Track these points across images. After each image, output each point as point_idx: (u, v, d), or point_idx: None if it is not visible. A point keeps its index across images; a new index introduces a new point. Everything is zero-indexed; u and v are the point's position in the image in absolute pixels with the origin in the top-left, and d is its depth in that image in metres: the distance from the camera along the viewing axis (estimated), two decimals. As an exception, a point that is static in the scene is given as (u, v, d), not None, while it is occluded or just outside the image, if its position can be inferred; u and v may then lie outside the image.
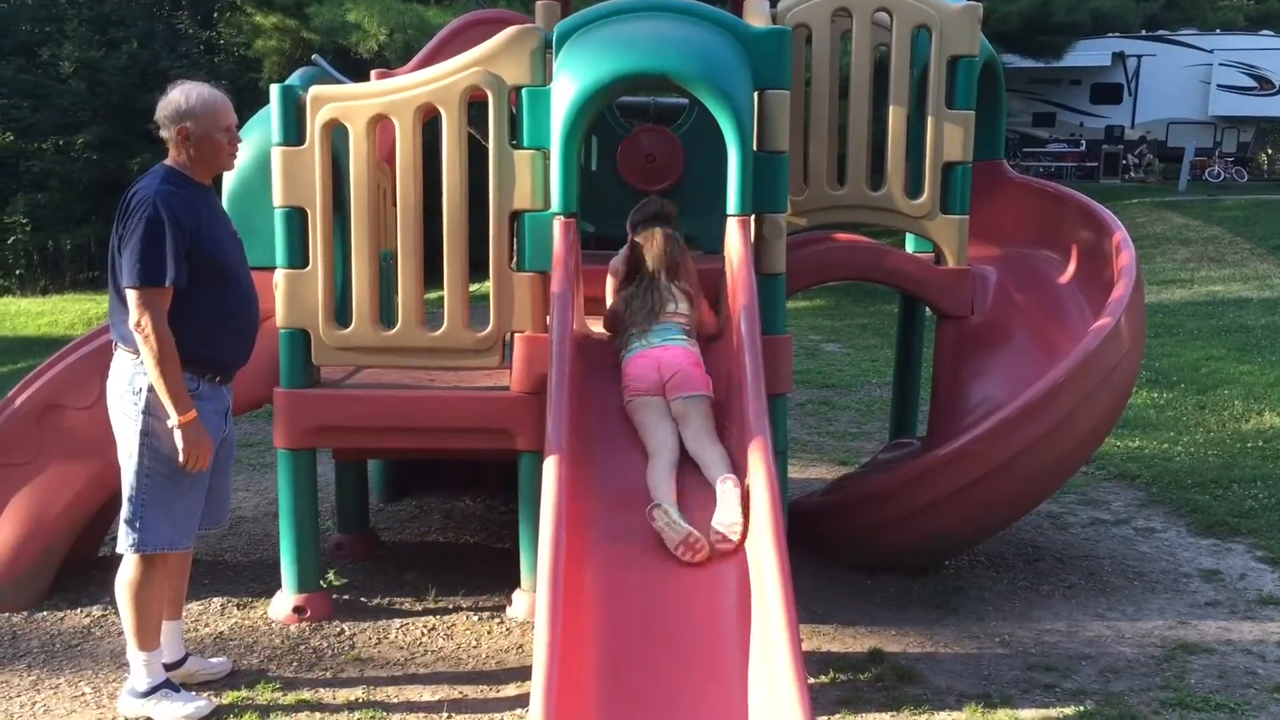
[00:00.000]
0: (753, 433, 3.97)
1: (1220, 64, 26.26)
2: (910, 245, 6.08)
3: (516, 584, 4.71)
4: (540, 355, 4.42)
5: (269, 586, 4.79)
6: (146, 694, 3.83)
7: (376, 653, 4.36)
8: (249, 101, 16.51)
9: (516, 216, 4.49)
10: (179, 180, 3.74)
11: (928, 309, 6.00)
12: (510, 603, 4.74)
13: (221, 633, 4.54)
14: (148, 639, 3.83)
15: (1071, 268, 5.58)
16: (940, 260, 5.48)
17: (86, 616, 4.67)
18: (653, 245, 4.55)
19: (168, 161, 3.80)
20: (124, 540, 3.76)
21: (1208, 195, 21.79)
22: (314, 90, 4.46)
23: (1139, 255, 5.22)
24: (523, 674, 4.07)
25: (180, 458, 3.68)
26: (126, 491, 3.75)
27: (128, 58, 18.69)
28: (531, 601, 4.51)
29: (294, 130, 4.43)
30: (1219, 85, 26.34)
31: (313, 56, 7.34)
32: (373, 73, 5.69)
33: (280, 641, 4.45)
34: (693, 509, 3.82)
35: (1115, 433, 7.50)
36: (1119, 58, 26.81)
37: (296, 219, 4.47)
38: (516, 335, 4.53)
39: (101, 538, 5.23)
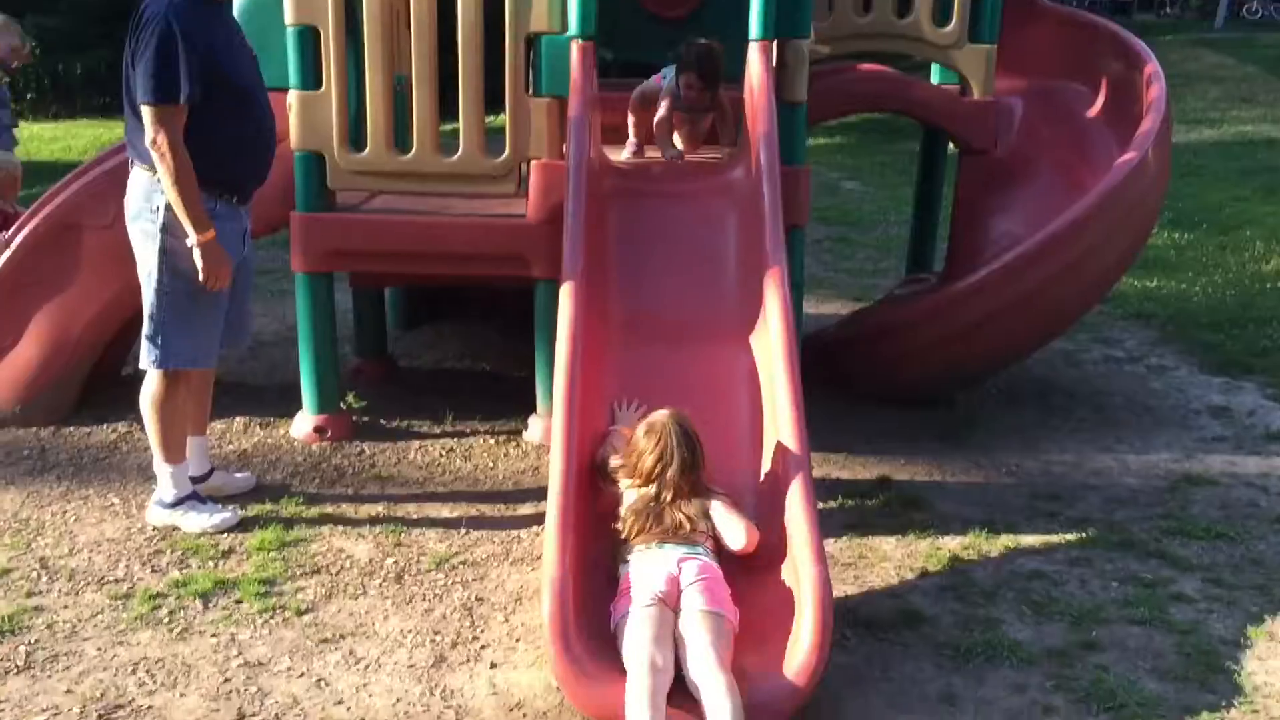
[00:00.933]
0: (769, 263, 3.97)
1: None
2: (935, 78, 5.95)
3: (533, 409, 4.78)
4: (557, 182, 4.38)
5: (290, 408, 4.87)
6: (174, 505, 3.94)
7: (396, 472, 4.46)
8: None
9: (533, 40, 4.39)
10: None
11: (951, 144, 5.92)
12: (526, 427, 4.83)
13: (245, 450, 4.65)
14: (173, 453, 3.93)
15: (1100, 101, 5.47)
16: (966, 92, 5.37)
17: (113, 432, 4.77)
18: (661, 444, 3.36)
19: None
20: (146, 356, 3.82)
21: (1245, 33, 21.13)
22: (325, -97, 4.32)
23: (1169, 92, 5.10)
24: (538, 494, 4.17)
25: (199, 277, 3.70)
26: (147, 309, 3.79)
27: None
28: (547, 426, 4.59)
29: (306, -55, 4.30)
30: (1264, -84, 25.28)
31: None
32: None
33: (302, 459, 4.56)
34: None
35: (1133, 272, 7.46)
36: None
37: (309, 38, 4.38)
38: (533, 162, 4.48)
39: (125, 356, 5.30)
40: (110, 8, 17.84)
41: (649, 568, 3.09)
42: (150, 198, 3.72)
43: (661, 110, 4.79)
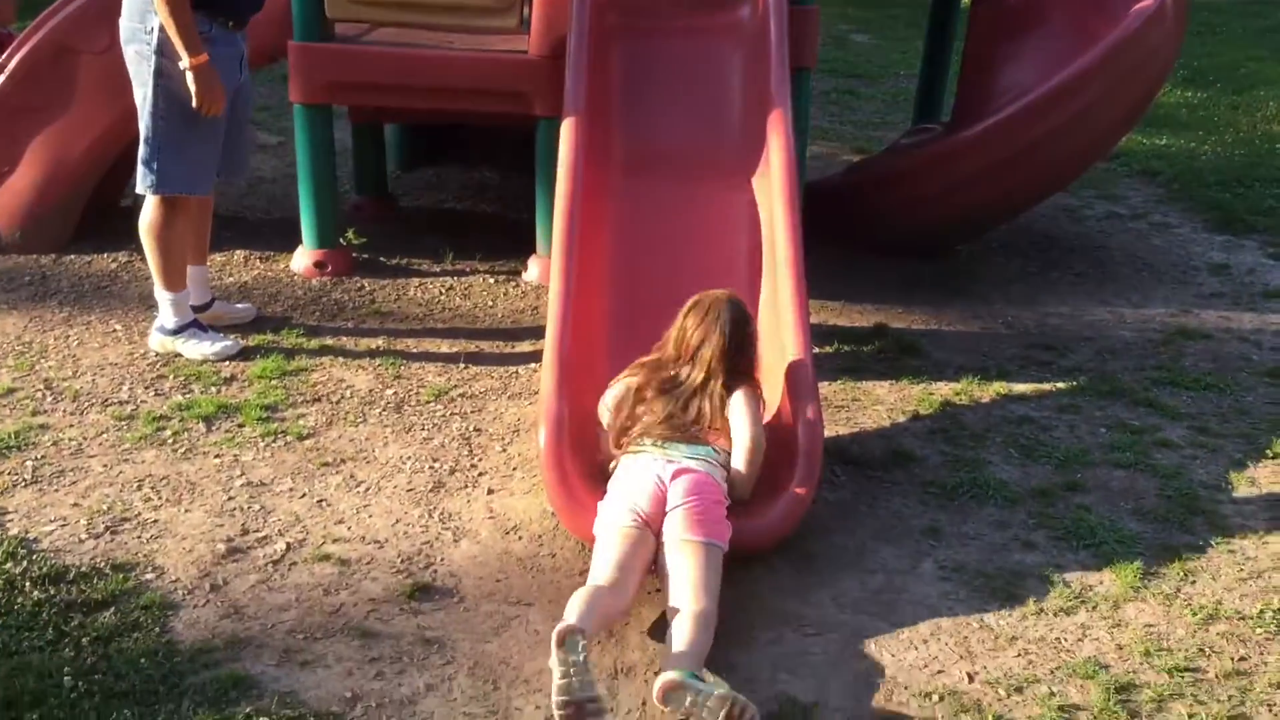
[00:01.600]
0: (773, 103, 3.92)
1: None
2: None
3: (532, 250, 4.78)
4: (560, 16, 4.29)
5: (290, 243, 4.87)
6: (175, 332, 3.97)
7: (396, 308, 4.49)
8: None
9: None
10: None
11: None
12: (525, 268, 4.83)
13: (245, 282, 4.66)
14: (173, 280, 3.95)
15: (1119, -53, 5.31)
16: (982, -66, 5.22)
17: (113, 261, 4.78)
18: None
19: None
20: (142, 181, 3.80)
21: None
22: None
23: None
24: (536, 333, 4.20)
25: (193, 101, 3.66)
26: (143, 132, 3.76)
27: None
28: (546, 266, 4.59)
29: None
30: None
31: None
32: None
33: (302, 293, 4.58)
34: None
35: (1142, 130, 7.38)
36: None
37: None
38: (536, -6, 4.38)
39: (123, 187, 5.28)
40: None
41: (638, 475, 2.82)
42: (145, 18, 3.65)
43: None
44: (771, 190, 3.72)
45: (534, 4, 4.40)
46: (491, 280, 4.80)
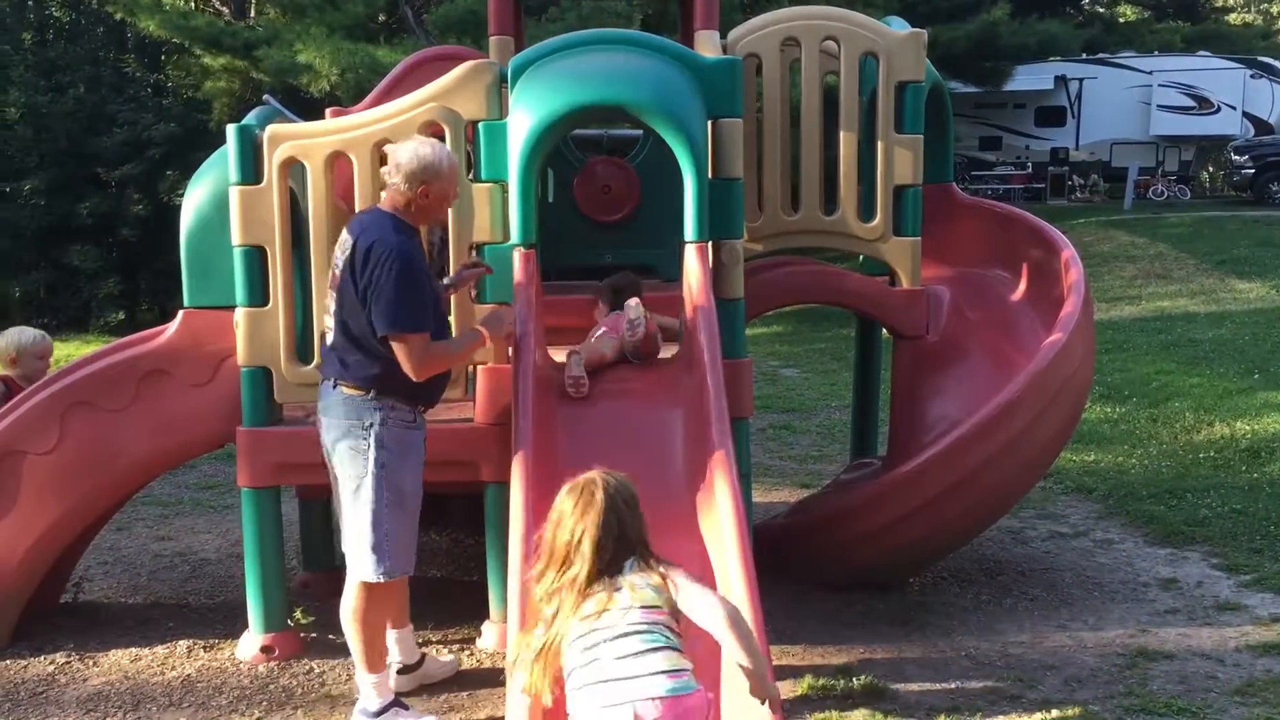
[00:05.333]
0: (716, 455, 4.02)
1: (1160, 85, 26.78)
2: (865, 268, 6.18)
3: (486, 616, 4.71)
4: (503, 386, 4.44)
5: (235, 628, 4.76)
6: (379, 713, 3.94)
7: (348, 689, 4.33)
8: (199, 143, 16.44)
9: (477, 249, 4.52)
10: (406, 230, 3.91)
11: (884, 330, 6.09)
12: (480, 634, 4.74)
13: (189, 675, 4.50)
14: (375, 662, 3.98)
15: (1023, 286, 5.69)
16: (895, 282, 5.57)
17: (51, 664, 4.60)
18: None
19: (387, 208, 3.93)
20: (371, 570, 3.87)
21: (1152, 213, 22.19)
22: (271, 129, 4.48)
23: (1087, 273, 5.33)
24: (496, 705, 4.06)
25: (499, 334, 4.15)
26: (366, 522, 3.85)
27: (74, 102, 18.52)
28: (502, 632, 4.50)
29: (251, 169, 4.44)
30: (1159, 106, 26.85)
31: (264, 96, 7.36)
32: (328, 111, 5.72)
33: (249, 682, 4.42)
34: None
35: (1071, 447, 7.61)
36: (1061, 81, 27.27)
37: (256, 257, 4.48)
38: (480, 367, 4.55)
39: (64, 585, 5.17)
40: (48, 231, 18.09)
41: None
42: (361, 415, 3.85)
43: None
44: (724, 543, 3.74)
45: (478, 374, 4.55)
46: (446, 649, 4.69)
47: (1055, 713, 4.02)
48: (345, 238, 3.92)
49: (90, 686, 4.06)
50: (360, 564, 3.91)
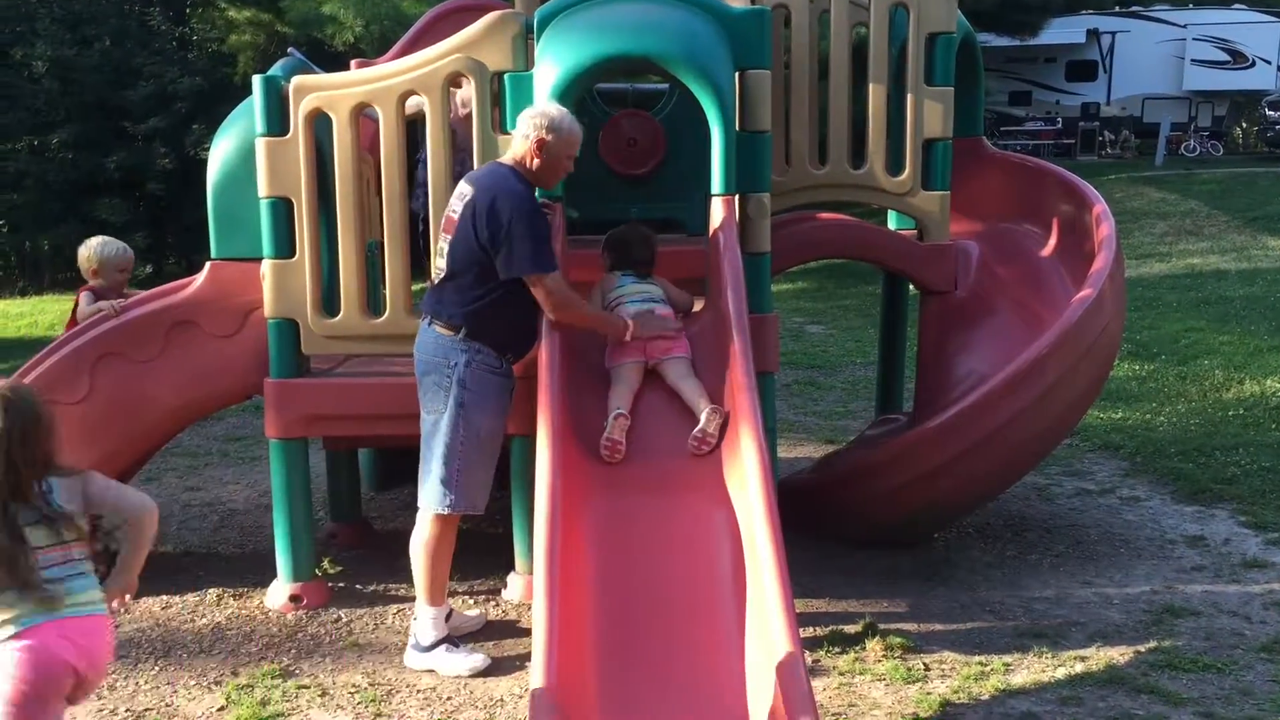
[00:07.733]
0: (743, 409, 4.00)
1: (1194, 39, 26.33)
2: (893, 223, 6.13)
3: (511, 567, 4.74)
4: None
5: (264, 577, 4.81)
6: (431, 648, 4.06)
7: (374, 638, 4.38)
8: (224, 97, 16.45)
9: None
10: (526, 182, 4.00)
11: (911, 286, 6.05)
12: (506, 585, 4.77)
13: (219, 623, 4.56)
14: (437, 595, 4.12)
15: (1053, 241, 5.63)
16: (923, 236, 5.52)
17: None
18: None
19: (509, 162, 4.04)
20: (440, 501, 4.00)
21: (1184, 170, 21.90)
22: (296, 80, 4.47)
23: (1118, 229, 5.27)
24: (521, 655, 4.11)
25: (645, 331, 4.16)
26: (439, 455, 3.97)
27: (100, 56, 18.53)
28: (527, 583, 4.54)
29: (277, 121, 4.44)
30: (1193, 60, 26.41)
31: (288, 49, 7.33)
32: (353, 62, 5.70)
33: (278, 630, 4.47)
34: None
35: (1098, 405, 7.57)
36: (1093, 35, 26.85)
37: (282, 209, 4.48)
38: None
39: (95, 534, 5.22)
40: (76, 185, 18.17)
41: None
42: (449, 355, 3.99)
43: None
44: (750, 500, 3.73)
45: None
46: (471, 600, 4.73)
47: (1080, 668, 4.02)
48: (465, 188, 4.03)
49: (121, 633, 4.11)
50: (431, 496, 4.03)
